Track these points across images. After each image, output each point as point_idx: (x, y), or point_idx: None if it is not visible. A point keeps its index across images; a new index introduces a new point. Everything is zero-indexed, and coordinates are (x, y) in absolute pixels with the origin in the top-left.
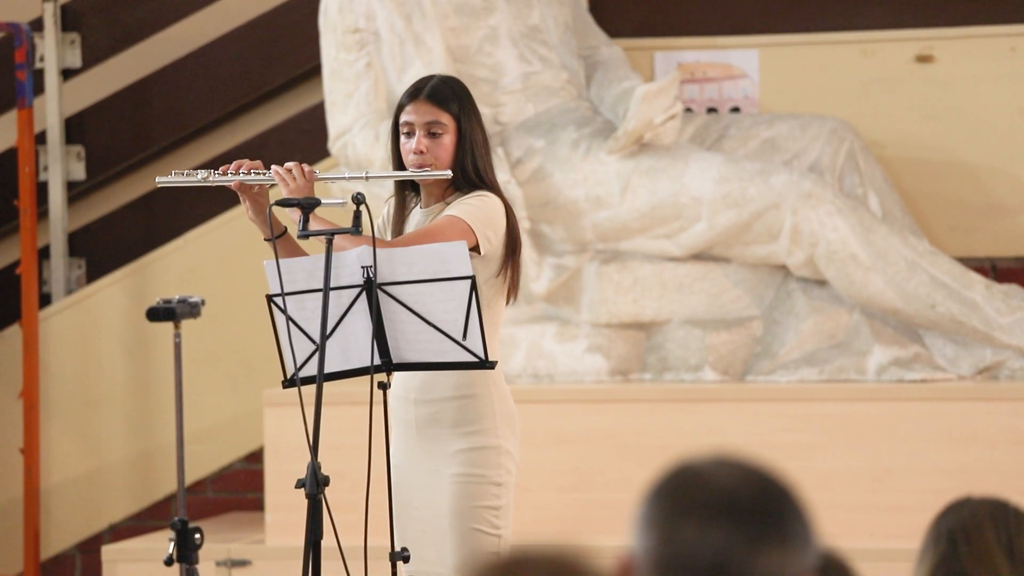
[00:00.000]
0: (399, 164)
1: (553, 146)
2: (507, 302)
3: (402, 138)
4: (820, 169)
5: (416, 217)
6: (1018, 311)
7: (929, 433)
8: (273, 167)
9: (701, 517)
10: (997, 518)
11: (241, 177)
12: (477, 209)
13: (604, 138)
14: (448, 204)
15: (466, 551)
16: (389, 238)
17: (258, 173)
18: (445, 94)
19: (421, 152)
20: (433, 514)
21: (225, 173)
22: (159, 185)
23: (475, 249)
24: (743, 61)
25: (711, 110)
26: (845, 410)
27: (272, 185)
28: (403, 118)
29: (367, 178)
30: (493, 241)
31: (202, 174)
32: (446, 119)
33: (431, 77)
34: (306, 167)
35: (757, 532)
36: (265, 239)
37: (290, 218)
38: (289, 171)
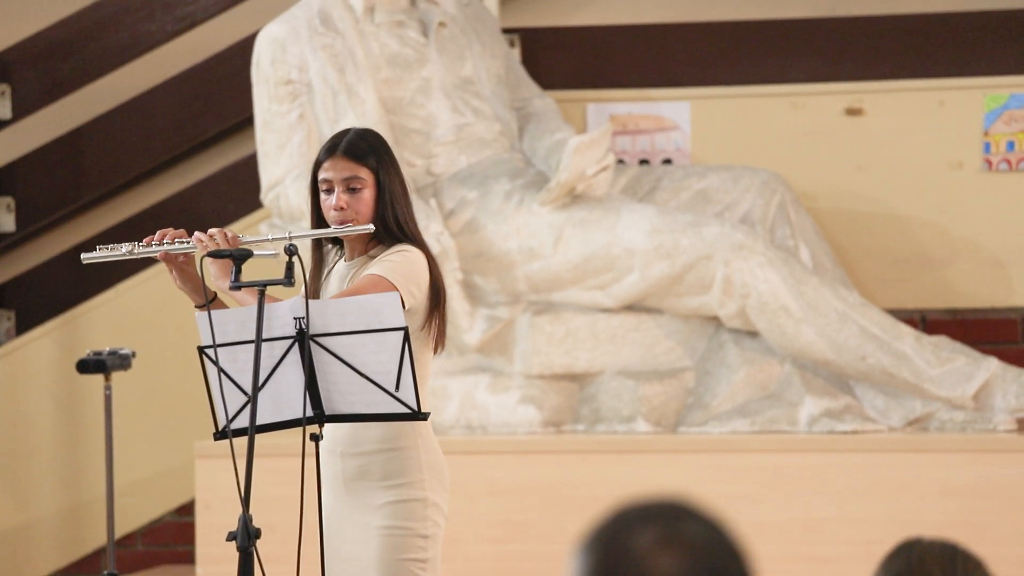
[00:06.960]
0: (319, 220)
1: (486, 198)
2: (434, 352)
3: (322, 195)
4: (752, 221)
5: (340, 270)
6: (947, 363)
7: (860, 484)
8: (196, 234)
9: None
10: (945, 562)
11: (165, 247)
12: (399, 265)
13: (537, 190)
14: (372, 257)
15: None
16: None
17: (182, 241)
18: (362, 149)
19: (342, 208)
20: (361, 566)
21: (149, 244)
22: (85, 262)
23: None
24: (675, 113)
25: (643, 162)
26: (777, 461)
27: (196, 251)
28: (321, 175)
29: (291, 238)
30: (417, 295)
31: (126, 247)
32: (364, 174)
33: (347, 131)
34: (229, 232)
35: None
36: (197, 307)
37: (212, 282)
38: (211, 237)
